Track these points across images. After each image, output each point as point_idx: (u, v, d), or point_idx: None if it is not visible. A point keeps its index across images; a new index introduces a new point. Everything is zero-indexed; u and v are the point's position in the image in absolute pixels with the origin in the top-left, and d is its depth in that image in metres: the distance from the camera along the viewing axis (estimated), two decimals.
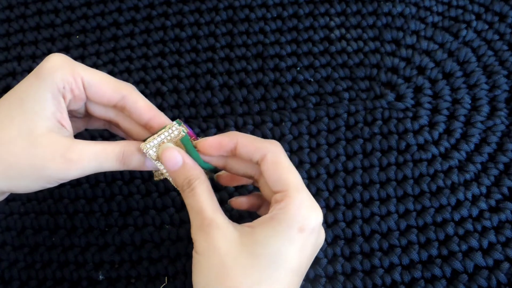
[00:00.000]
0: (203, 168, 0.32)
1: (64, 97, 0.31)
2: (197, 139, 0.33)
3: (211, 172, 0.34)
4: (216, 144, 0.31)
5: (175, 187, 0.32)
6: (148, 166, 0.32)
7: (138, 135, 0.34)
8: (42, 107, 0.29)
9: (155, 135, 0.32)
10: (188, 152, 0.31)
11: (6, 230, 0.41)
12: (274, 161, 0.30)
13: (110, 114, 0.34)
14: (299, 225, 0.28)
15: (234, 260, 0.28)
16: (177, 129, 0.32)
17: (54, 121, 0.30)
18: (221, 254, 0.28)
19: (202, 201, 0.30)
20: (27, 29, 0.49)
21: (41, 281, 0.39)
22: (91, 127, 0.37)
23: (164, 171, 0.32)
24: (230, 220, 0.30)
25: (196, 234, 0.29)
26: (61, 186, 0.42)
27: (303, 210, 0.28)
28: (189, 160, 0.31)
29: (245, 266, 0.28)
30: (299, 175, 0.30)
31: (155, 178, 0.34)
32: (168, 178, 0.33)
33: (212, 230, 0.28)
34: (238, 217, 0.40)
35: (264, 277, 0.27)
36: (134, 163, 0.31)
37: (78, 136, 0.36)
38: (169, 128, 0.32)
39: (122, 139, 0.36)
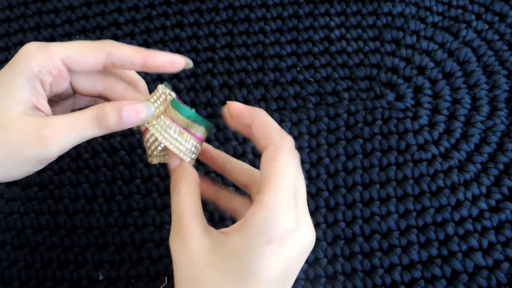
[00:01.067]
0: (201, 125, 0.32)
1: (42, 82, 0.30)
2: (180, 101, 0.32)
3: (207, 130, 0.33)
4: (238, 113, 0.30)
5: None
6: (126, 122, 0.30)
7: None
8: (14, 93, 0.29)
9: (148, 98, 0.32)
10: (180, 113, 0.31)
11: (6, 230, 0.41)
12: (270, 156, 0.28)
13: (99, 88, 0.32)
14: (267, 237, 0.26)
15: (202, 274, 0.27)
16: (164, 93, 0.31)
17: (29, 105, 0.29)
18: (191, 266, 0.27)
19: (182, 204, 0.29)
20: (27, 29, 0.49)
21: (41, 281, 0.39)
22: (78, 107, 0.36)
23: (154, 137, 0.31)
24: (208, 227, 0.29)
25: (171, 241, 0.28)
26: (61, 186, 0.42)
27: (274, 220, 0.26)
28: (180, 164, 0.31)
29: (216, 280, 0.26)
30: (291, 178, 0.28)
31: (150, 158, 0.33)
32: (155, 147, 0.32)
33: (186, 238, 0.27)
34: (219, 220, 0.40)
35: None
36: (112, 122, 0.30)
37: None
38: (157, 91, 0.32)
39: None
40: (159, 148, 0.32)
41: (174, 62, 0.32)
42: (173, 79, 0.46)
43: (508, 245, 0.38)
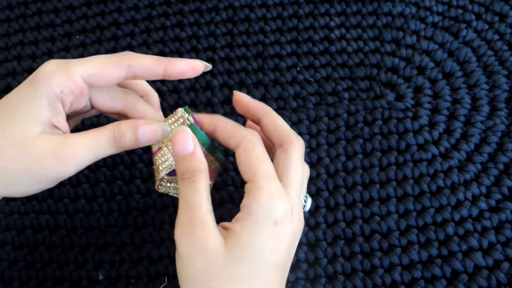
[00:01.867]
0: (213, 156, 0.32)
1: (63, 101, 0.30)
2: (199, 126, 0.32)
3: (218, 163, 0.34)
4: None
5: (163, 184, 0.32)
6: (142, 140, 0.31)
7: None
8: (35, 114, 0.29)
9: (166, 119, 0.32)
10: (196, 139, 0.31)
11: (6, 230, 0.41)
12: (247, 149, 0.30)
13: (118, 105, 0.33)
14: (274, 218, 0.28)
15: (220, 267, 0.27)
16: (182, 116, 0.31)
17: (48, 124, 0.30)
18: (207, 260, 0.27)
19: (201, 197, 0.29)
20: (27, 29, 0.49)
21: (41, 281, 0.39)
22: (89, 116, 0.36)
23: (171, 159, 0.31)
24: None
25: (181, 234, 0.28)
26: (61, 186, 0.42)
27: (274, 201, 0.28)
28: (199, 151, 0.30)
29: (232, 273, 0.27)
30: (272, 166, 0.30)
31: (158, 185, 0.33)
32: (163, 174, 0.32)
33: (201, 231, 0.28)
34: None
35: (251, 281, 0.27)
36: (128, 141, 0.30)
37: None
38: (175, 114, 0.32)
39: None
40: (168, 169, 0.32)
41: (194, 67, 0.32)
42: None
43: (508, 245, 0.38)
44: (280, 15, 0.49)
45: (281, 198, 0.29)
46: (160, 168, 0.32)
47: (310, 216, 0.40)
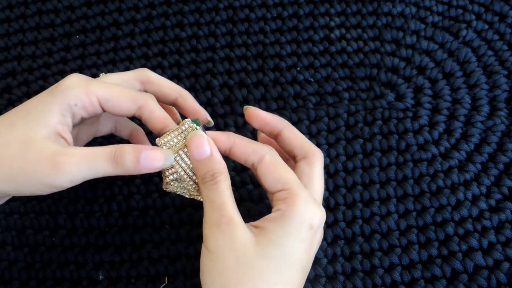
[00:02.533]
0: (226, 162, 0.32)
1: (74, 114, 0.31)
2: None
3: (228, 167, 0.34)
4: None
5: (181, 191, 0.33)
6: (143, 165, 0.30)
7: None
8: (44, 119, 0.30)
9: (170, 131, 0.32)
10: None
11: (6, 230, 0.41)
12: (273, 162, 0.30)
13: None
14: (309, 222, 0.29)
15: (250, 262, 0.28)
16: (191, 127, 0.32)
17: (53, 130, 0.30)
18: (237, 255, 0.28)
19: (225, 197, 0.29)
20: (27, 29, 0.49)
21: (41, 281, 0.39)
22: (100, 134, 0.38)
23: (179, 170, 0.31)
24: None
25: (210, 230, 0.29)
26: None
27: (310, 207, 0.29)
28: (216, 153, 0.31)
29: (261, 269, 0.28)
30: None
31: (165, 185, 0.33)
32: (179, 185, 0.32)
33: (230, 228, 0.28)
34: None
35: (279, 279, 0.28)
36: (128, 162, 0.30)
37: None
38: (183, 125, 0.32)
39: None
40: (174, 176, 0.32)
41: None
42: (173, 79, 0.46)
43: (508, 245, 0.38)
44: (280, 15, 0.49)
45: (317, 205, 0.30)
46: (167, 173, 0.32)
47: None
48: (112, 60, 0.47)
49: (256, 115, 0.34)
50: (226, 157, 0.33)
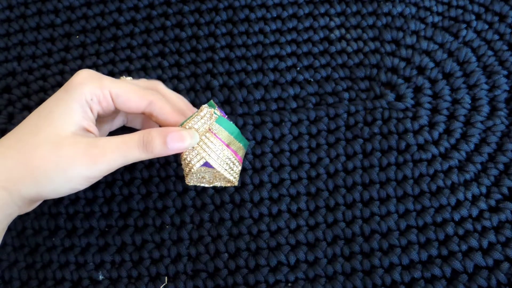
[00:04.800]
0: (241, 143, 0.34)
1: (91, 108, 0.33)
2: (228, 118, 0.34)
3: (245, 148, 0.36)
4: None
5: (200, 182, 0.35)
6: (171, 148, 0.32)
7: (175, 123, 0.35)
8: (68, 116, 0.31)
9: (189, 119, 0.33)
10: (225, 130, 0.33)
11: (6, 230, 0.41)
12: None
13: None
14: None
15: None
16: (209, 111, 0.33)
17: (80, 127, 0.32)
18: None
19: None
20: (27, 29, 0.49)
21: (42, 281, 0.39)
22: (114, 128, 0.39)
23: (197, 151, 0.33)
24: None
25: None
26: None
27: None
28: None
29: None
30: None
31: (189, 177, 0.34)
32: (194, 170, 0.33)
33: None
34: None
35: None
36: (157, 147, 0.31)
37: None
38: (201, 111, 0.33)
39: None
40: (199, 163, 0.33)
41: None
42: (173, 79, 0.46)
43: (508, 245, 0.38)
44: (279, 16, 0.49)
45: None
46: (193, 162, 0.33)
47: (310, 216, 0.40)
48: (112, 60, 0.47)
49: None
50: (243, 137, 0.34)
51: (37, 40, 0.49)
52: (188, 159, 0.33)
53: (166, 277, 0.38)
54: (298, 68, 0.46)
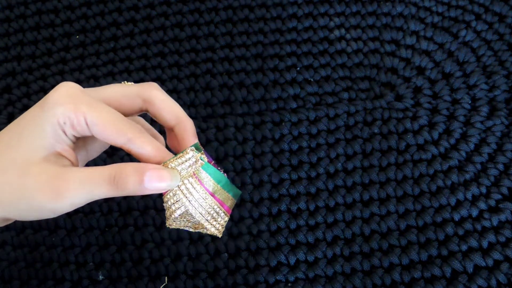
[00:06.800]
0: (229, 193, 0.31)
1: (64, 132, 0.29)
2: (215, 165, 0.31)
3: (235, 198, 0.32)
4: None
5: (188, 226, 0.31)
6: (147, 187, 0.28)
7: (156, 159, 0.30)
8: (39, 139, 0.28)
9: (173, 159, 0.29)
10: (211, 178, 0.30)
11: (6, 230, 0.41)
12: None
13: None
14: None
15: None
16: (195, 156, 0.30)
17: (52, 151, 0.29)
18: None
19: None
20: (27, 29, 0.49)
21: (42, 280, 0.39)
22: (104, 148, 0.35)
23: (186, 203, 0.29)
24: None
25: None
26: None
27: None
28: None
29: None
30: None
31: (170, 222, 0.31)
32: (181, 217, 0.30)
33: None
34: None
35: None
36: (131, 185, 0.27)
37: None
38: (186, 153, 0.30)
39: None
40: (180, 211, 0.30)
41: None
42: (172, 79, 0.46)
43: (508, 245, 0.38)
44: (279, 16, 0.49)
45: None
46: (173, 208, 0.30)
47: (310, 216, 0.40)
48: (111, 60, 0.47)
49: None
50: (233, 186, 0.31)
51: (36, 40, 0.49)
52: (169, 203, 0.30)
53: (166, 277, 0.38)
54: (298, 68, 0.46)
